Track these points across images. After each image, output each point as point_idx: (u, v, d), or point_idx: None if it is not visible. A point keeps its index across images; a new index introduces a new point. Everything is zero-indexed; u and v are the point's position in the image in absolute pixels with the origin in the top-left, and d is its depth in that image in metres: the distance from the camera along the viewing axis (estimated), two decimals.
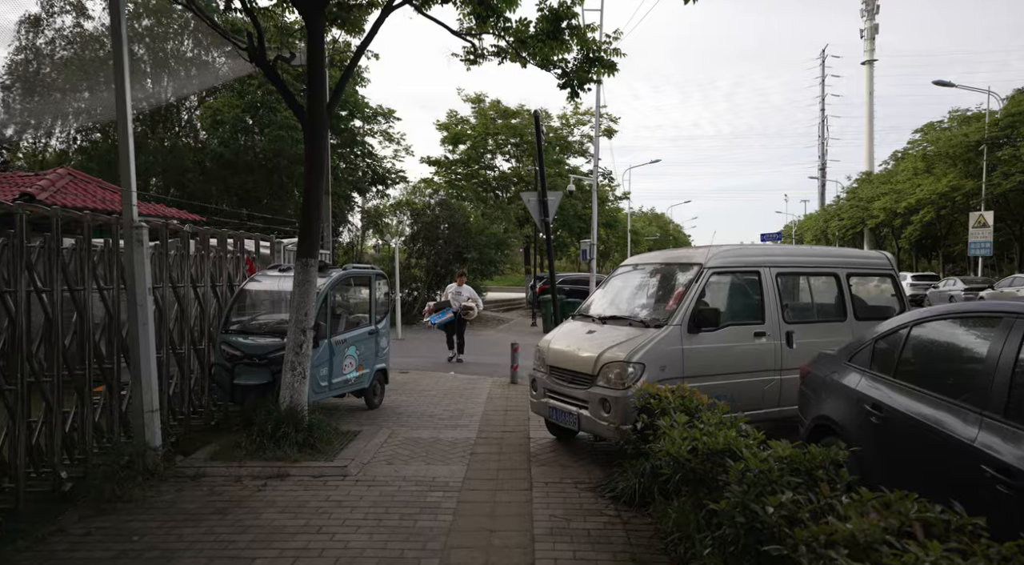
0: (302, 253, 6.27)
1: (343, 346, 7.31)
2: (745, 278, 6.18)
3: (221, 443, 6.10)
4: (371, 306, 8.00)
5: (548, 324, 20.31)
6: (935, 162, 37.81)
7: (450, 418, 7.69)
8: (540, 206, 9.27)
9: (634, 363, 5.39)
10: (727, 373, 5.77)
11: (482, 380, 10.52)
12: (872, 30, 65.39)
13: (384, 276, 8.34)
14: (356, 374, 7.57)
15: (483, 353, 14.42)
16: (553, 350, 6.25)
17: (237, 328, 6.98)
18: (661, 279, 6.38)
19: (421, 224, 24.45)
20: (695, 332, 5.64)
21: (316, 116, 6.24)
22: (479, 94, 31.82)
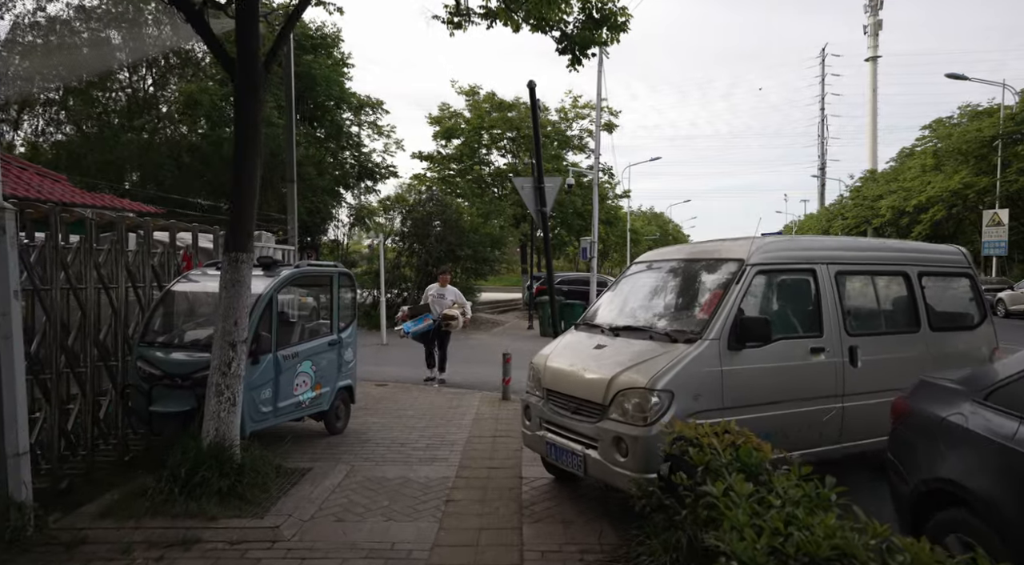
0: (232, 245, 4.92)
1: (294, 361, 5.96)
2: (797, 278, 4.85)
3: (124, 490, 4.74)
4: (333, 311, 6.66)
5: (545, 327, 18.98)
6: (946, 159, 36.53)
7: (427, 447, 6.34)
8: (536, 194, 7.97)
9: (659, 391, 4.06)
10: (776, 402, 4.44)
11: (469, 395, 9.17)
12: (876, 26, 64.23)
13: (349, 275, 7.00)
14: (312, 395, 6.23)
15: (472, 361, 13.06)
16: (552, 369, 4.92)
17: (158, 340, 5.63)
18: (687, 280, 5.04)
19: (412, 221, 23.11)
20: (737, 348, 4.32)
21: (248, 69, 4.90)
22: (473, 86, 30.49)
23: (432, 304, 9.84)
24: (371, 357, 12.85)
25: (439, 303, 9.88)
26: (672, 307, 4.92)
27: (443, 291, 10.04)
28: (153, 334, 5.63)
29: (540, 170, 7.80)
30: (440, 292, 10.01)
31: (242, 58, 4.88)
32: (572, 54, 7.21)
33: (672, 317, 4.81)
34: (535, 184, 7.86)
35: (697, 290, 4.86)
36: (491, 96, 30.24)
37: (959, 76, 31.76)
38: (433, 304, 9.84)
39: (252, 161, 4.96)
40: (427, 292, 10.16)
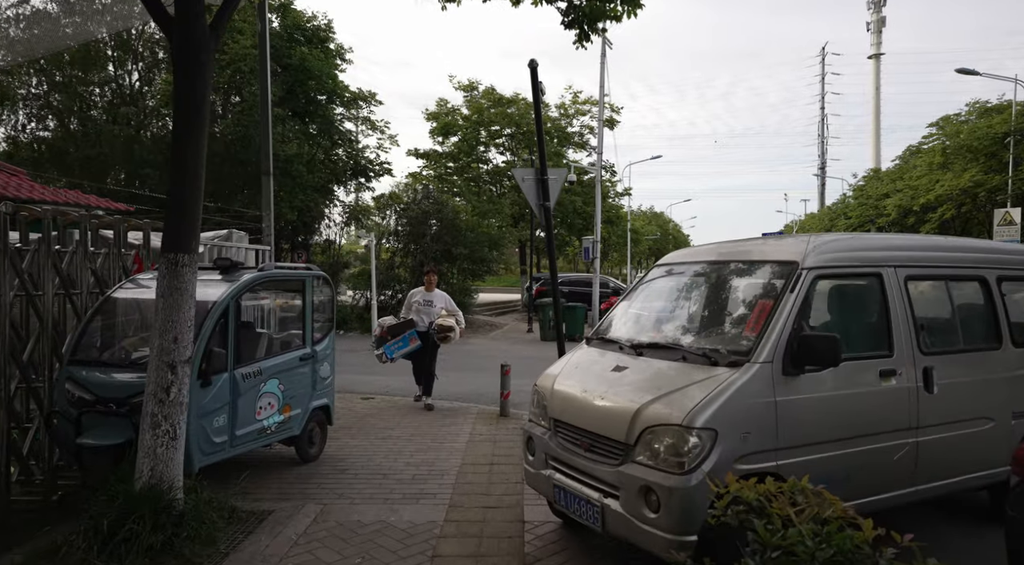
0: (170, 244, 4.05)
1: (256, 380, 5.09)
2: (861, 284, 3.99)
3: (30, 549, 3.86)
4: (305, 321, 5.78)
5: (546, 331, 18.13)
6: (955, 157, 35.69)
7: (412, 479, 5.47)
8: (538, 187, 7.10)
9: (699, 429, 3.20)
10: (839, 439, 3.58)
11: (463, 411, 8.31)
12: (879, 23, 63.38)
13: (325, 279, 6.13)
14: (279, 418, 5.36)
15: (468, 369, 12.20)
16: (561, 395, 4.06)
17: (93, 358, 4.76)
18: (725, 287, 4.17)
19: (407, 220, 22.24)
20: (793, 374, 3.46)
21: (189, 32, 4.02)
22: (472, 81, 29.62)
23: (417, 314, 8.11)
24: (359, 365, 12.00)
25: (426, 312, 8.14)
26: (708, 321, 4.05)
27: (430, 297, 8.23)
28: (86, 350, 4.76)
29: (543, 160, 6.93)
30: (427, 298, 8.21)
31: (182, 17, 4.00)
32: (579, 28, 6.34)
33: (709, 333, 3.94)
34: (537, 176, 6.98)
35: (738, 300, 3.99)
36: (490, 91, 29.36)
37: (970, 71, 30.92)
38: (418, 313, 8.11)
39: (195, 142, 4.09)
40: (410, 298, 8.28)
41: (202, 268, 5.57)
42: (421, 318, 8.12)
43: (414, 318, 8.09)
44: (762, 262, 3.99)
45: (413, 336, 7.89)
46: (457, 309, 8.34)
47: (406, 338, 7.86)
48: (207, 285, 5.03)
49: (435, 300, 8.24)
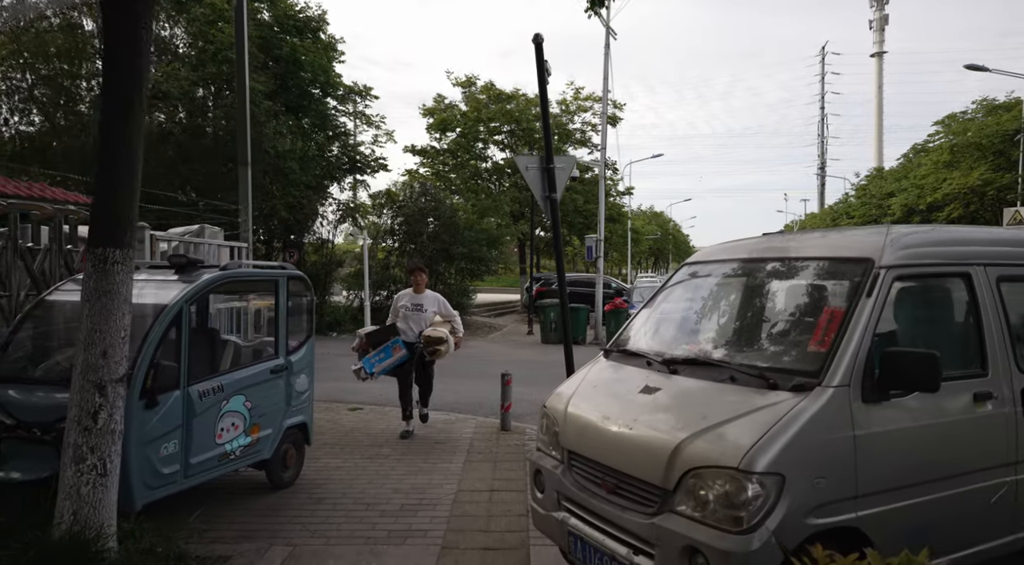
0: (97, 238, 3.31)
1: (217, 398, 4.36)
2: (947, 286, 3.26)
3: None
4: (278, 327, 5.05)
5: (547, 333, 17.42)
6: (962, 155, 35.01)
7: (400, 511, 4.74)
8: (543, 176, 6.38)
9: (761, 474, 2.48)
10: (928, 481, 2.86)
11: (461, 423, 7.58)
12: (881, 21, 62.70)
13: (302, 280, 5.39)
14: (245, 441, 4.62)
15: (465, 375, 11.47)
16: (577, 421, 3.33)
17: (17, 373, 4.02)
18: (776, 289, 3.44)
19: (403, 218, 21.51)
20: (876, 400, 2.73)
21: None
22: (470, 76, 28.87)
23: (405, 321, 6.73)
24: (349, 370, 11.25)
25: (415, 318, 6.74)
26: (758, 332, 3.32)
27: (419, 299, 6.84)
28: (11, 364, 4.02)
29: (549, 147, 6.19)
30: (416, 301, 6.82)
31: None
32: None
33: (761, 347, 3.21)
34: (542, 164, 6.25)
35: (796, 306, 3.26)
36: (489, 87, 28.63)
37: (979, 67, 30.21)
38: (406, 320, 6.73)
39: (128, 110, 3.35)
40: (396, 302, 6.92)
41: (155, 267, 4.86)
42: (409, 326, 6.72)
43: (400, 326, 6.73)
44: (823, 259, 3.27)
45: (397, 345, 6.51)
46: (454, 313, 6.92)
47: (388, 348, 6.46)
48: (158, 286, 4.31)
49: (425, 303, 6.82)
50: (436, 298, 6.96)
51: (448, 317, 6.86)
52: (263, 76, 20.54)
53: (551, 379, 11.91)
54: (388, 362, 6.51)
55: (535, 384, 10.60)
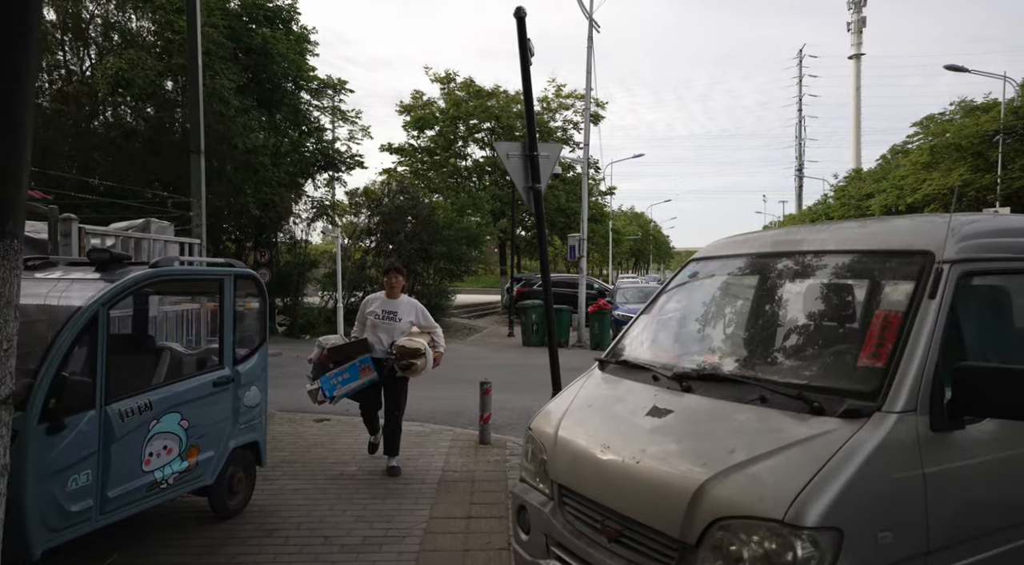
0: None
1: (144, 417, 3.70)
2: (1013, 285, 2.73)
3: None
4: (223, 333, 4.40)
5: (528, 335, 16.85)
6: (942, 155, 35.14)
7: (362, 546, 4.11)
8: (526, 165, 5.80)
9: (814, 529, 1.90)
10: (1010, 526, 2.31)
11: (436, 436, 6.96)
12: (859, 23, 63.24)
13: (253, 279, 4.75)
14: (180, 466, 3.97)
15: (443, 380, 10.83)
16: (568, 449, 2.75)
17: None
18: (811, 289, 2.87)
19: (380, 216, 20.81)
20: (947, 427, 2.18)
21: None
22: (449, 72, 28.23)
23: (374, 331, 5.49)
24: None
25: (386, 328, 5.49)
26: (791, 341, 2.74)
27: (393, 306, 5.57)
28: None
29: (532, 134, 5.60)
30: (388, 308, 5.56)
31: None
32: None
33: (796, 360, 2.64)
34: (525, 152, 5.67)
35: (837, 309, 2.71)
36: (468, 83, 28.01)
37: (958, 67, 30.39)
38: (375, 331, 5.49)
39: (14, 69, 2.69)
40: (363, 308, 5.69)
41: (74, 264, 4.19)
42: (379, 338, 5.46)
43: (368, 338, 5.48)
44: (867, 253, 2.71)
45: (366, 365, 5.30)
46: (434, 324, 5.73)
47: (355, 368, 5.29)
48: (73, 286, 3.64)
49: (400, 311, 5.55)
50: (413, 305, 5.69)
51: (427, 328, 5.65)
52: (233, 68, 19.73)
53: (533, 385, 11.39)
54: (353, 385, 5.30)
55: (516, 390, 10.02)
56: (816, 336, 2.66)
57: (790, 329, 2.76)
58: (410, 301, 5.73)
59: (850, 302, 2.67)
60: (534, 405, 9.31)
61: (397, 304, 5.62)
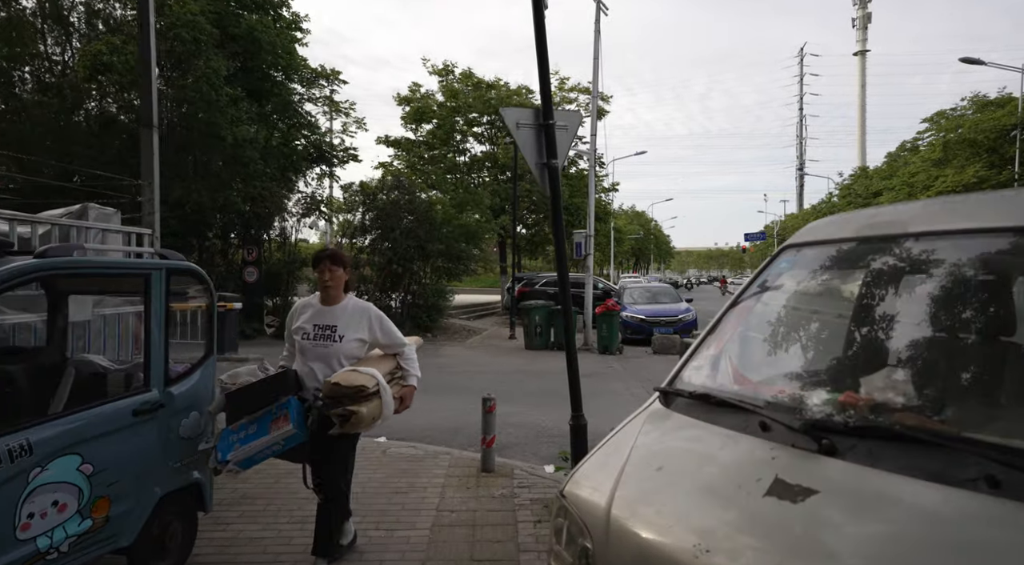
0: None
1: (17, 466, 2.67)
2: None
3: None
4: (150, 344, 3.36)
5: (532, 338, 15.82)
6: (956, 151, 34.14)
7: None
8: (539, 137, 4.80)
9: None
10: None
11: (430, 461, 5.92)
12: (864, 19, 62.22)
13: (194, 274, 3.71)
14: (79, 527, 2.93)
15: (439, 389, 9.80)
16: (632, 539, 1.70)
17: None
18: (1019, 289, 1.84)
19: (375, 212, 19.77)
20: None
21: None
22: (448, 64, 27.17)
23: (303, 357, 3.57)
24: None
25: (319, 353, 3.54)
26: (1012, 372, 1.70)
27: (330, 317, 3.61)
28: None
29: (548, 99, 4.57)
30: (323, 320, 3.60)
31: None
32: None
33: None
34: (539, 121, 4.66)
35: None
36: (467, 75, 26.97)
37: (974, 60, 29.41)
38: (303, 356, 3.57)
39: None
40: (290, 319, 3.73)
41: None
42: (311, 370, 3.51)
43: (298, 368, 3.56)
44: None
45: (283, 414, 3.27)
46: (400, 340, 3.74)
47: (265, 420, 3.30)
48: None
49: (342, 323, 3.57)
50: (364, 313, 3.61)
51: (390, 348, 3.70)
52: (220, 56, 18.68)
53: (541, 395, 10.28)
54: (258, 446, 3.23)
55: (522, 401, 8.99)
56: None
57: (999, 350, 1.72)
58: (360, 307, 3.64)
59: None
60: (543, 420, 8.33)
61: (337, 313, 3.56)
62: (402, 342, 3.75)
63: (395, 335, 3.71)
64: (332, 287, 3.62)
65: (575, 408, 4.74)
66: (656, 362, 13.75)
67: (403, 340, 3.76)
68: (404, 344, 3.77)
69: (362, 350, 3.65)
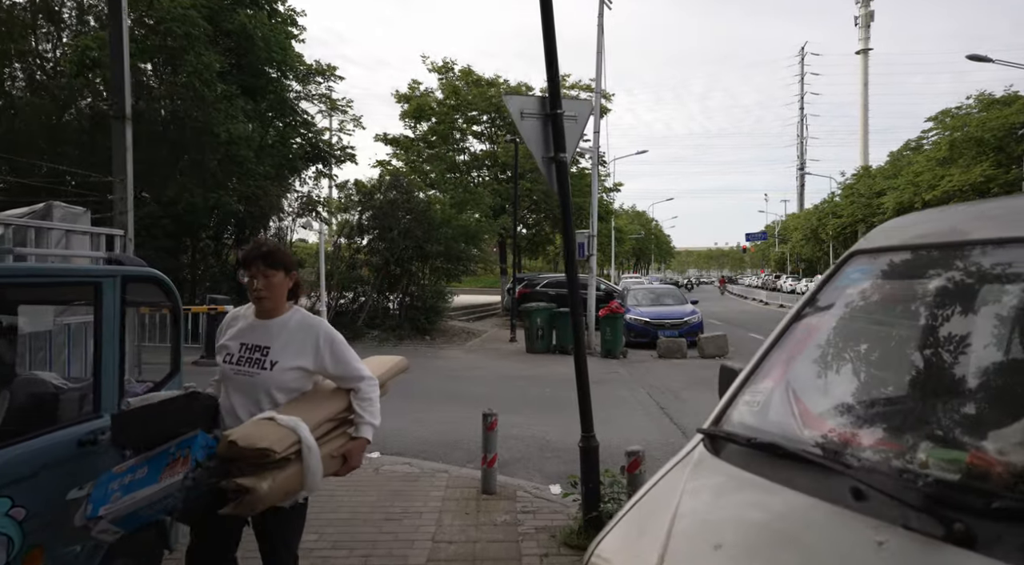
0: None
1: None
2: None
3: None
4: (101, 363, 2.91)
5: (533, 341, 15.37)
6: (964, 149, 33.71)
7: None
8: (546, 127, 4.38)
9: None
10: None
11: (426, 481, 5.46)
12: (867, 17, 61.70)
13: (156, 281, 3.26)
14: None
15: (437, 396, 9.37)
16: None
17: None
18: None
19: (372, 211, 19.32)
20: None
21: None
22: (447, 61, 26.74)
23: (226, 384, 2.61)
24: None
25: (246, 383, 2.53)
26: None
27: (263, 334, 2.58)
28: None
29: (556, 86, 4.13)
30: (253, 339, 2.58)
31: None
32: None
33: None
34: (545, 110, 4.23)
35: None
36: (467, 72, 26.53)
37: (981, 58, 28.96)
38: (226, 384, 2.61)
39: None
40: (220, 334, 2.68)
41: None
42: (231, 405, 2.56)
43: (221, 399, 2.62)
44: None
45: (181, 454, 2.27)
46: (359, 372, 2.65)
47: (158, 463, 2.30)
48: None
49: (277, 346, 2.55)
50: (312, 332, 2.61)
51: (343, 381, 2.66)
52: (213, 52, 18.22)
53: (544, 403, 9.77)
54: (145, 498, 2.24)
55: (525, 410, 8.55)
56: None
57: None
58: (307, 323, 2.63)
59: None
60: (547, 432, 7.84)
61: (273, 331, 2.57)
62: (359, 375, 2.62)
63: (351, 364, 2.61)
64: (267, 299, 2.54)
65: (585, 427, 4.29)
66: (662, 367, 13.31)
67: (361, 371, 2.64)
68: (362, 377, 2.62)
69: (304, 382, 2.58)
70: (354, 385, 2.64)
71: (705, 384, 11.24)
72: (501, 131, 26.48)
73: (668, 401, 9.46)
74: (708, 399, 9.43)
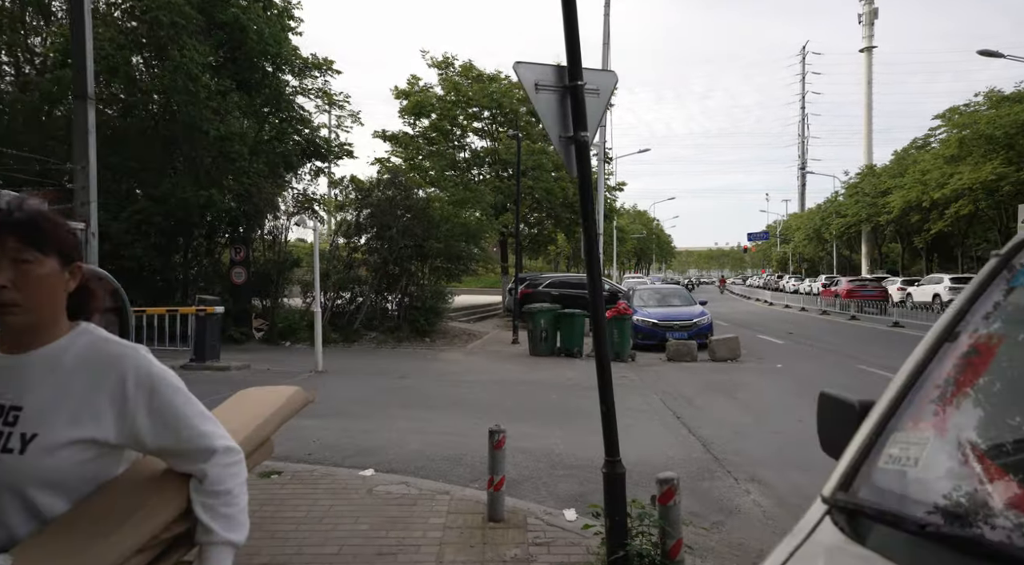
0: None
1: None
2: None
3: None
4: None
5: (536, 343, 14.79)
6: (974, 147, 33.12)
7: None
8: (563, 102, 3.83)
9: None
10: None
11: (424, 504, 4.87)
12: (871, 14, 61.11)
13: (101, 279, 2.67)
14: None
15: (436, 404, 8.77)
16: None
17: None
18: None
19: (369, 209, 18.75)
20: None
21: None
22: (447, 56, 26.15)
23: None
24: None
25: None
26: None
27: (13, 376, 1.30)
28: None
29: (576, 54, 3.55)
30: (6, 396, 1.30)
31: None
32: None
33: None
34: (564, 81, 3.66)
35: None
36: (468, 67, 25.94)
37: (992, 53, 28.44)
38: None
39: None
40: None
41: None
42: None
43: None
44: None
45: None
46: (206, 438, 1.39)
47: None
48: None
49: (32, 403, 1.29)
50: (110, 370, 1.35)
51: (179, 457, 1.40)
52: (205, 45, 17.62)
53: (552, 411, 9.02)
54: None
55: (532, 418, 7.95)
56: None
57: None
58: (97, 353, 1.37)
59: None
60: (557, 445, 7.18)
61: (29, 372, 1.32)
62: (208, 445, 1.41)
63: (191, 426, 1.40)
64: (19, 310, 1.28)
65: (610, 451, 3.71)
66: (672, 371, 12.73)
67: (211, 439, 1.42)
68: (214, 449, 1.41)
69: (97, 467, 1.36)
70: (196, 467, 1.40)
71: (719, 389, 10.65)
72: (503, 127, 25.90)
73: (683, 409, 8.88)
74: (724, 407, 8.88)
